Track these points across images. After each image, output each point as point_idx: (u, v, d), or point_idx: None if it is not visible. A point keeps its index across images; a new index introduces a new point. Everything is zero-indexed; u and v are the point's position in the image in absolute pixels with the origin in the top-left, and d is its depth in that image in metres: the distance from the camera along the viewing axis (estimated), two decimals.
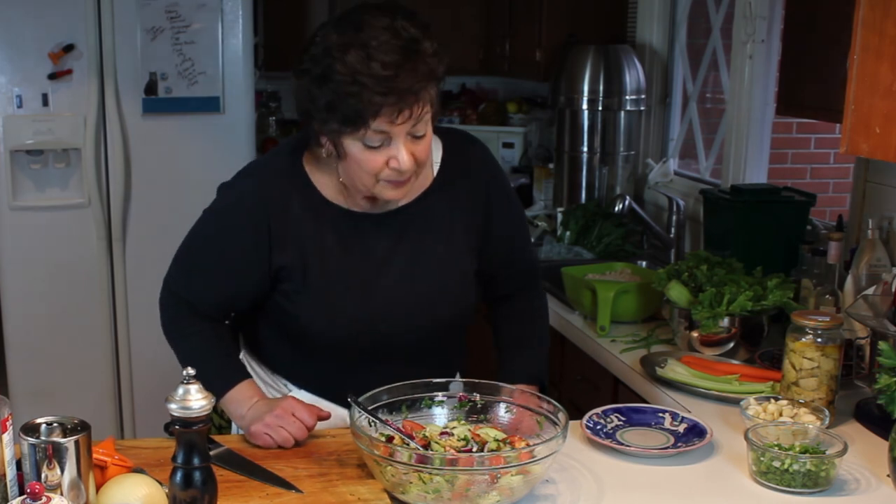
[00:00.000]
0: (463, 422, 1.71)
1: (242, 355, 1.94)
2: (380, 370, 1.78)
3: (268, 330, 1.88)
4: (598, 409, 1.91)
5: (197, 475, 1.40)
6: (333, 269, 1.76)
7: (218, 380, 1.76)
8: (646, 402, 2.16)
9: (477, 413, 1.74)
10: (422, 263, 1.81)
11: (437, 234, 1.82)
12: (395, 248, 1.80)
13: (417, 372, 1.78)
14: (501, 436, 1.64)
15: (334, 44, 1.60)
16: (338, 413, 1.83)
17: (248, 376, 1.83)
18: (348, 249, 1.77)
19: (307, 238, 1.75)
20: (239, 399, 1.78)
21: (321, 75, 1.61)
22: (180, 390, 1.38)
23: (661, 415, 1.90)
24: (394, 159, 1.64)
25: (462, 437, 1.62)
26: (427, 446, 1.61)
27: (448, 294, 1.84)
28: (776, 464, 1.63)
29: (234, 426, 1.91)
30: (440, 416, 1.74)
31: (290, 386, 1.89)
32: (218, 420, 1.94)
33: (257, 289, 1.79)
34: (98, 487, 1.46)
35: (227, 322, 1.93)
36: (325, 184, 1.77)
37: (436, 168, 1.83)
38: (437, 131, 1.81)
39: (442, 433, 1.65)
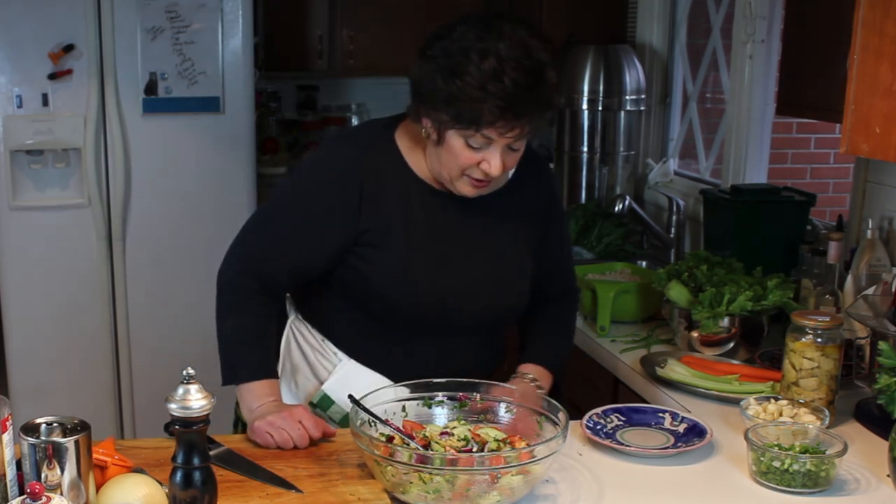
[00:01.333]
0: (463, 422, 1.71)
1: (291, 321, 1.96)
2: (432, 347, 1.86)
3: (331, 296, 1.89)
4: (598, 409, 1.91)
5: (197, 475, 1.40)
6: (415, 237, 1.82)
7: (247, 368, 1.81)
8: (646, 402, 2.16)
9: (477, 413, 1.74)
10: (494, 251, 1.89)
11: (509, 230, 1.90)
12: (472, 232, 1.87)
13: (465, 355, 1.87)
14: (501, 436, 1.64)
15: (472, 45, 1.66)
16: (383, 382, 1.82)
17: (276, 377, 1.85)
18: (430, 222, 1.83)
19: (395, 204, 1.81)
20: (257, 393, 1.79)
21: (451, 70, 1.67)
22: (180, 390, 1.38)
23: (661, 415, 1.90)
24: (486, 163, 1.72)
25: (462, 437, 1.62)
26: (427, 446, 1.61)
27: (511, 286, 1.92)
28: (776, 464, 1.63)
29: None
30: (440, 416, 1.74)
31: (340, 355, 1.89)
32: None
33: (337, 250, 1.82)
34: (98, 487, 1.46)
35: (285, 296, 1.95)
36: (414, 160, 1.84)
37: (510, 172, 1.89)
38: None
39: (442, 433, 1.65)
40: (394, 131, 1.86)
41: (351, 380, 1.84)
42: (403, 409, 1.73)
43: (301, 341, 1.93)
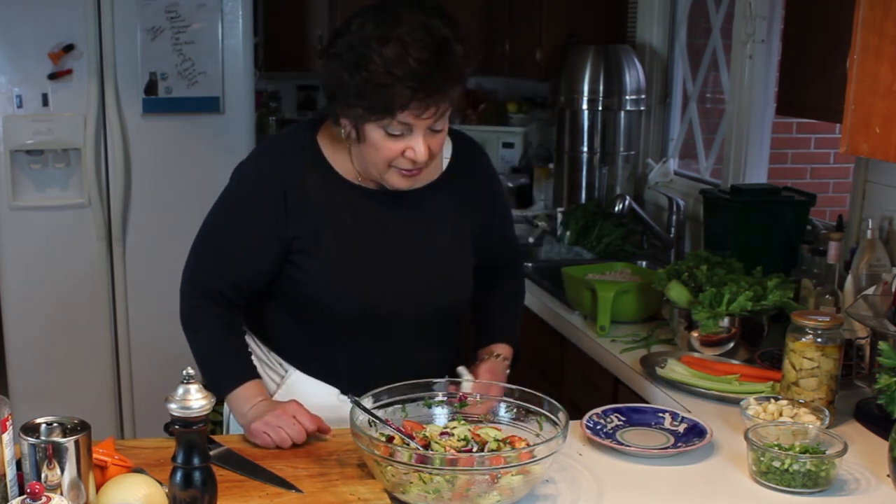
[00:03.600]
0: (463, 422, 1.71)
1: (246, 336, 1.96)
2: (377, 351, 1.84)
3: (273, 307, 1.89)
4: (598, 409, 1.91)
5: (197, 475, 1.40)
6: (346, 240, 1.80)
7: (227, 377, 1.81)
8: (646, 402, 2.16)
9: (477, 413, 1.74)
10: (432, 247, 1.87)
11: (445, 223, 1.89)
12: (406, 229, 1.85)
13: (413, 356, 1.85)
14: (501, 436, 1.64)
15: (372, 34, 1.65)
16: (329, 392, 1.85)
17: (257, 376, 1.84)
18: (361, 224, 1.82)
19: (322, 209, 1.79)
20: (244, 397, 1.79)
21: (355, 63, 1.66)
22: (180, 390, 1.38)
23: (661, 415, 1.90)
24: (410, 149, 1.70)
25: (462, 437, 1.62)
26: (427, 446, 1.61)
27: (453, 281, 1.90)
28: (776, 464, 1.63)
29: (224, 425, 1.92)
30: (440, 416, 1.75)
31: (286, 366, 1.89)
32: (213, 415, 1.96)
33: (274, 262, 1.81)
34: (98, 487, 1.46)
35: (243, 306, 1.93)
36: (339, 161, 1.82)
37: (445, 163, 1.90)
38: (448, 132, 1.88)
39: (442, 433, 1.65)
40: (315, 134, 1.84)
41: (298, 392, 1.84)
42: (403, 409, 1.73)
43: (252, 353, 1.91)
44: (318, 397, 1.84)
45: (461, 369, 1.91)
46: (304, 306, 1.83)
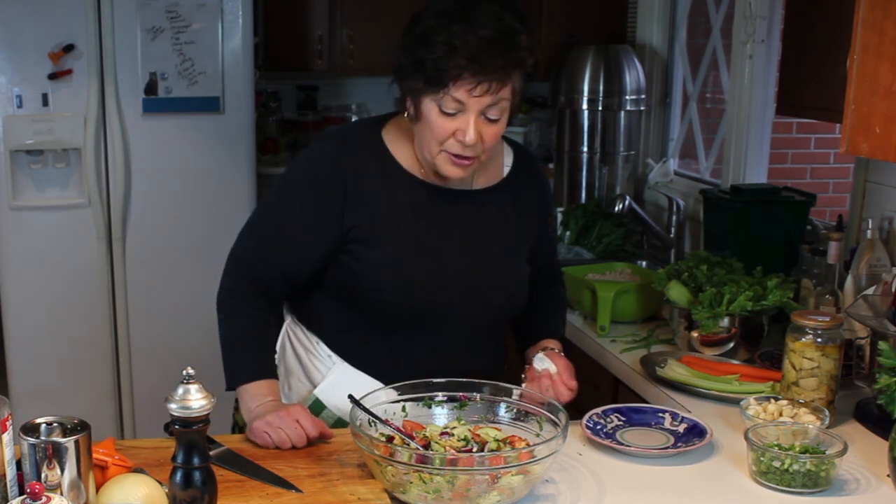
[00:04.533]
0: (463, 422, 1.71)
1: (287, 323, 1.96)
2: (423, 348, 1.84)
3: (323, 298, 1.89)
4: (598, 409, 1.91)
5: (197, 475, 1.40)
6: (405, 232, 1.81)
7: (245, 370, 1.81)
8: (646, 402, 2.16)
9: (477, 413, 1.74)
10: (490, 247, 1.88)
11: (505, 226, 1.90)
12: (464, 228, 1.86)
13: (458, 357, 1.85)
14: (501, 436, 1.64)
15: (445, 11, 1.70)
16: (374, 386, 1.81)
17: (275, 377, 1.85)
18: (421, 217, 1.83)
19: (382, 200, 1.80)
20: (254, 394, 1.80)
21: (422, 35, 1.70)
22: (180, 390, 1.38)
23: (661, 415, 1.90)
24: (461, 131, 1.71)
25: (462, 437, 1.62)
26: (427, 446, 1.61)
27: (508, 283, 1.91)
28: (776, 464, 1.63)
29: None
30: (440, 416, 1.74)
31: (334, 357, 1.88)
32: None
33: (328, 251, 1.82)
34: (98, 487, 1.46)
35: (283, 299, 1.95)
36: (402, 155, 1.83)
37: (506, 170, 1.92)
38: (506, 140, 1.93)
39: (442, 433, 1.65)
40: (381, 128, 1.86)
41: (343, 384, 1.83)
42: (404, 409, 1.73)
43: (296, 344, 1.93)
44: (364, 391, 1.77)
45: (539, 355, 1.92)
46: (357, 297, 1.83)
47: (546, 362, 1.89)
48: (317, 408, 1.86)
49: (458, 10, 1.69)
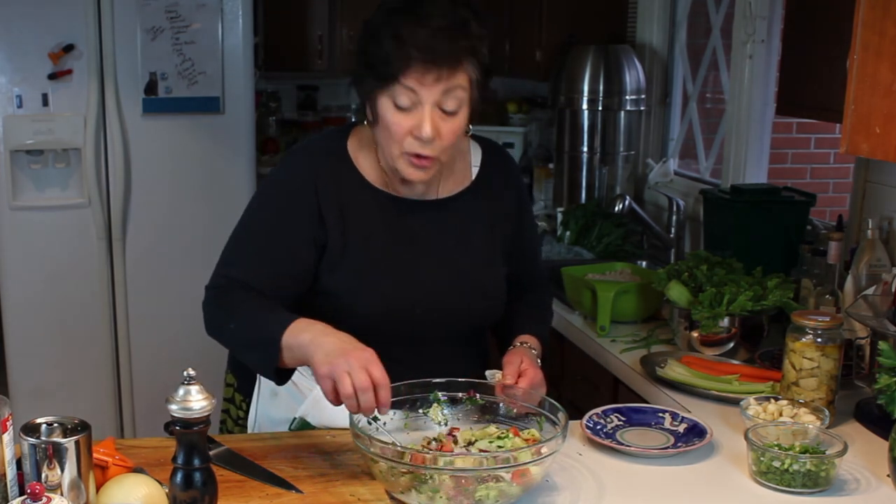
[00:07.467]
0: (471, 428, 1.71)
1: None
2: (405, 359, 1.77)
3: (305, 314, 1.81)
4: (598, 409, 1.91)
5: (197, 476, 1.40)
6: (375, 247, 1.79)
7: (275, 327, 1.66)
8: (646, 402, 2.16)
9: (480, 413, 1.74)
10: (463, 255, 1.85)
11: (477, 231, 1.87)
12: (436, 237, 1.84)
13: (440, 368, 1.78)
14: (501, 434, 1.64)
15: (392, 8, 1.69)
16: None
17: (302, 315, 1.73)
18: (391, 231, 1.81)
19: (350, 215, 1.78)
20: (296, 331, 1.64)
21: (371, 35, 1.69)
22: (181, 391, 1.38)
23: (661, 415, 1.90)
24: (417, 127, 1.67)
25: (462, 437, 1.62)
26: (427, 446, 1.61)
27: (485, 289, 1.88)
28: (776, 464, 1.63)
29: (250, 419, 1.89)
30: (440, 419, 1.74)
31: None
32: (236, 412, 1.94)
33: (306, 264, 1.79)
34: (98, 487, 1.46)
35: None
36: (366, 166, 1.82)
37: (475, 171, 1.89)
38: (476, 139, 1.91)
39: (449, 434, 1.65)
40: (346, 140, 1.83)
41: (326, 401, 1.73)
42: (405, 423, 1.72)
43: None
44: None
45: (489, 371, 1.83)
46: (335, 312, 1.77)
47: (497, 375, 1.80)
48: (305, 427, 1.82)
49: (407, 5, 1.68)
